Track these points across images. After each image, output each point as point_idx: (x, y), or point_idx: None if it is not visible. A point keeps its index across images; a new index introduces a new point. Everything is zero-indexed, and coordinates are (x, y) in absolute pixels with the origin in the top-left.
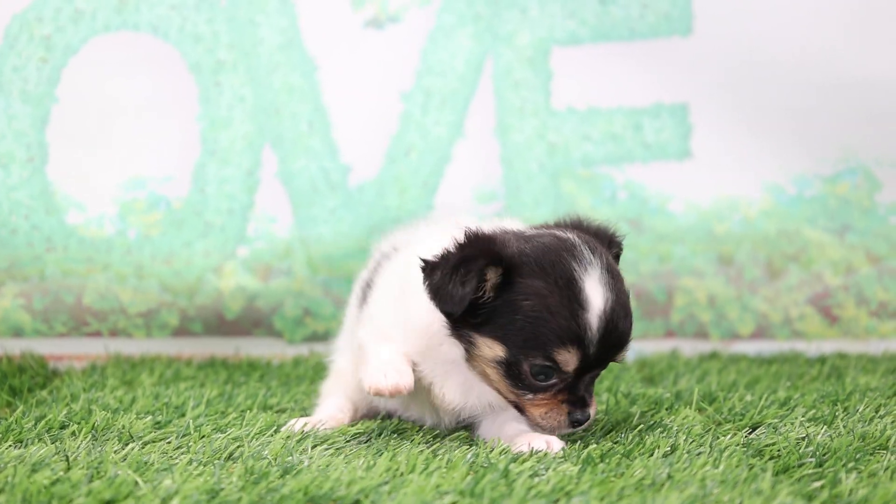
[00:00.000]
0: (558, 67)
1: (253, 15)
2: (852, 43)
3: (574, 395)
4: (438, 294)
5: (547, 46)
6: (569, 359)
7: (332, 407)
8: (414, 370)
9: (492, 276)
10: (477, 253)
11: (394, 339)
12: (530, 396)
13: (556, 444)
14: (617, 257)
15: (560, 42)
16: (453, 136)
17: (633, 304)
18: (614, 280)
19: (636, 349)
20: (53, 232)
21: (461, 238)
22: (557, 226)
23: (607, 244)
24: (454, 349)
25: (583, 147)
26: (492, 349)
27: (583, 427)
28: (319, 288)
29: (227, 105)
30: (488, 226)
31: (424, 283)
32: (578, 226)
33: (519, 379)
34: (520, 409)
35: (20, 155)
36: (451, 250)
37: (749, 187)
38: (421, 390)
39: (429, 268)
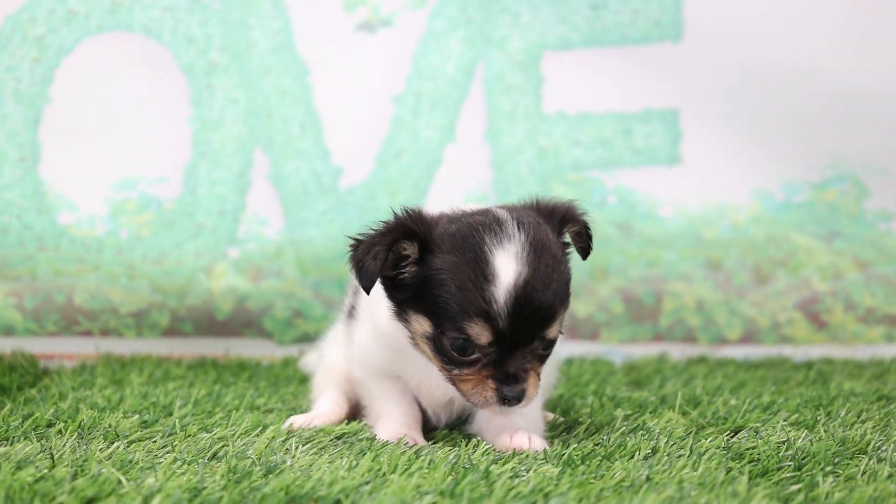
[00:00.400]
0: (549, 72)
1: (246, 17)
2: (842, 51)
3: (501, 371)
4: (357, 269)
5: (538, 51)
6: (479, 332)
7: (327, 402)
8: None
9: (410, 252)
10: (391, 229)
11: (376, 360)
12: (457, 371)
13: (537, 442)
14: (586, 236)
15: (551, 47)
16: (444, 139)
17: (620, 307)
18: (536, 255)
19: (624, 353)
20: (45, 231)
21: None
22: (512, 205)
23: (558, 221)
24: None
25: (573, 152)
26: (421, 325)
27: (522, 405)
28: (309, 289)
29: (220, 107)
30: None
31: (349, 260)
32: (535, 205)
33: (444, 353)
34: (454, 384)
35: (12, 154)
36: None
37: (738, 193)
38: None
39: (354, 245)
